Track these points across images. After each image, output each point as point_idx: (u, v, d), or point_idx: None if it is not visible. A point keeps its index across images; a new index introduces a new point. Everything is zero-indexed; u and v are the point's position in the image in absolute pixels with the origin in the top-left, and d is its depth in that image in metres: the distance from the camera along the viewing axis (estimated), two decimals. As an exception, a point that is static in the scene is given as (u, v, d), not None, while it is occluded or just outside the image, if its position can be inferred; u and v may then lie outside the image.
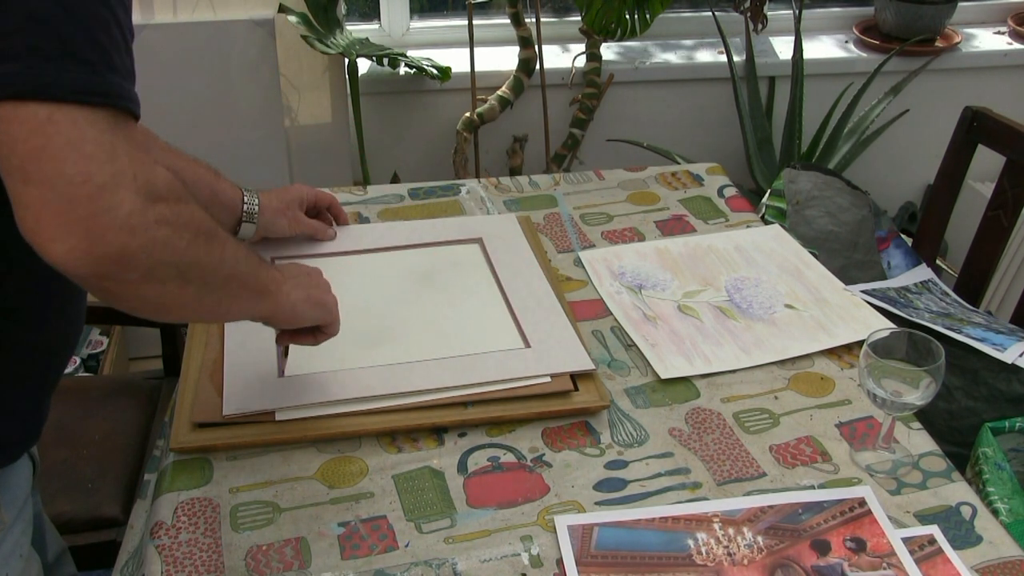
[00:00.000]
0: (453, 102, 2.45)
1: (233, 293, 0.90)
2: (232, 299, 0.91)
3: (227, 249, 0.86)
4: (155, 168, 0.75)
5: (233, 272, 0.88)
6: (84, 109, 0.70)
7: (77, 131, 0.69)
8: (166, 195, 0.75)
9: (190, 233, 0.78)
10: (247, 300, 0.94)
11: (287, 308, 1.00)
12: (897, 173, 2.72)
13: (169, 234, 0.75)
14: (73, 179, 0.68)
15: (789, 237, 1.48)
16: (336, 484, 1.04)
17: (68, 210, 0.69)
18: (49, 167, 0.68)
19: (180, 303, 0.82)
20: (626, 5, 2.24)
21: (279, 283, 0.98)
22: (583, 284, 1.37)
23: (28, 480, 1.03)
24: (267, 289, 0.96)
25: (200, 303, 0.85)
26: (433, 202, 1.56)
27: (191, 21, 2.19)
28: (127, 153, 0.72)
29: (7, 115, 0.68)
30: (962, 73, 2.62)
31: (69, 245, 0.69)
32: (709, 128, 2.62)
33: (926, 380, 1.02)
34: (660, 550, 0.96)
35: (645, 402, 1.16)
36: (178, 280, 0.79)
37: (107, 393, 1.68)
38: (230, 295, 0.90)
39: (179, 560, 0.95)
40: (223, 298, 0.89)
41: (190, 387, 1.12)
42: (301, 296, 1.01)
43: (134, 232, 0.71)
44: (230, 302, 0.91)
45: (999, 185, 1.68)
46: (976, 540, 0.98)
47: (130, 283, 0.75)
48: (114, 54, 0.73)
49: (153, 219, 0.73)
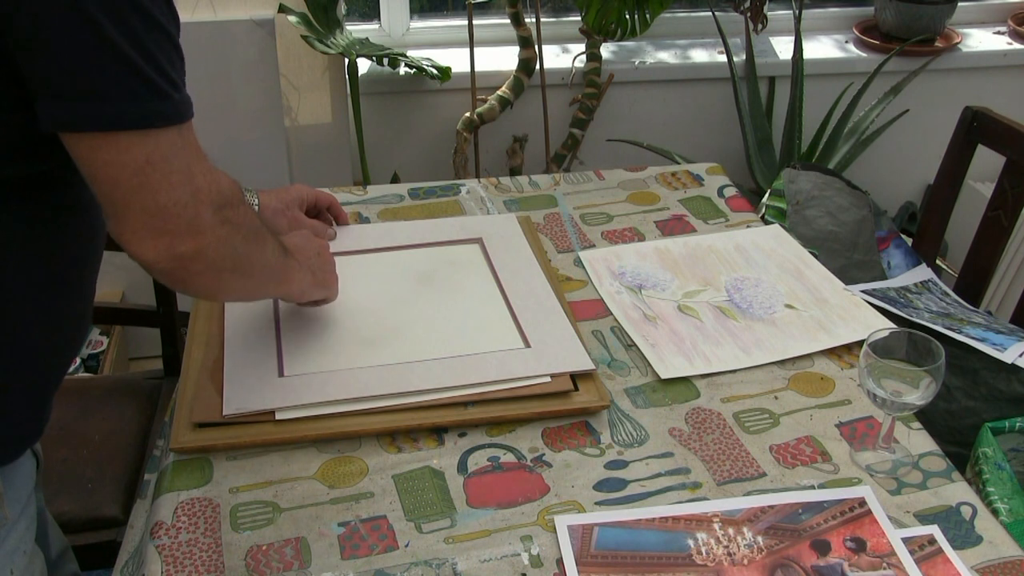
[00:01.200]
0: (453, 102, 2.45)
1: (266, 281, 1.03)
2: (264, 286, 1.05)
3: (268, 244, 0.98)
4: (220, 176, 0.87)
5: (269, 264, 0.99)
6: (167, 134, 0.80)
7: (166, 164, 0.80)
8: (230, 199, 0.88)
9: (244, 231, 0.91)
10: (274, 287, 1.07)
11: (298, 292, 1.12)
12: (897, 173, 2.72)
13: (230, 233, 0.88)
14: (166, 205, 0.81)
15: (789, 237, 1.48)
16: (336, 484, 1.04)
17: (160, 226, 0.82)
18: (148, 198, 0.80)
19: (230, 289, 0.97)
20: (626, 5, 2.24)
21: (296, 270, 1.08)
22: (583, 284, 1.37)
23: (32, 477, 1.03)
24: (289, 277, 1.07)
25: (243, 289, 1.00)
26: (433, 202, 1.56)
27: (191, 21, 2.19)
28: (200, 170, 0.84)
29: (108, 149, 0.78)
30: (962, 73, 2.62)
31: (156, 249, 0.83)
32: (709, 128, 2.62)
33: (926, 380, 1.02)
34: (660, 550, 0.96)
35: (645, 402, 1.16)
36: (232, 271, 0.91)
37: (107, 393, 1.68)
38: (263, 282, 1.03)
39: (179, 560, 0.95)
40: (258, 285, 1.02)
41: (190, 387, 1.12)
42: (310, 281, 1.13)
43: (205, 234, 0.84)
44: (263, 288, 1.06)
45: (999, 185, 1.68)
46: (976, 540, 0.98)
47: (197, 274, 0.87)
48: (175, 72, 0.82)
49: (220, 221, 0.86)
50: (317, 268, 1.16)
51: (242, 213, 0.91)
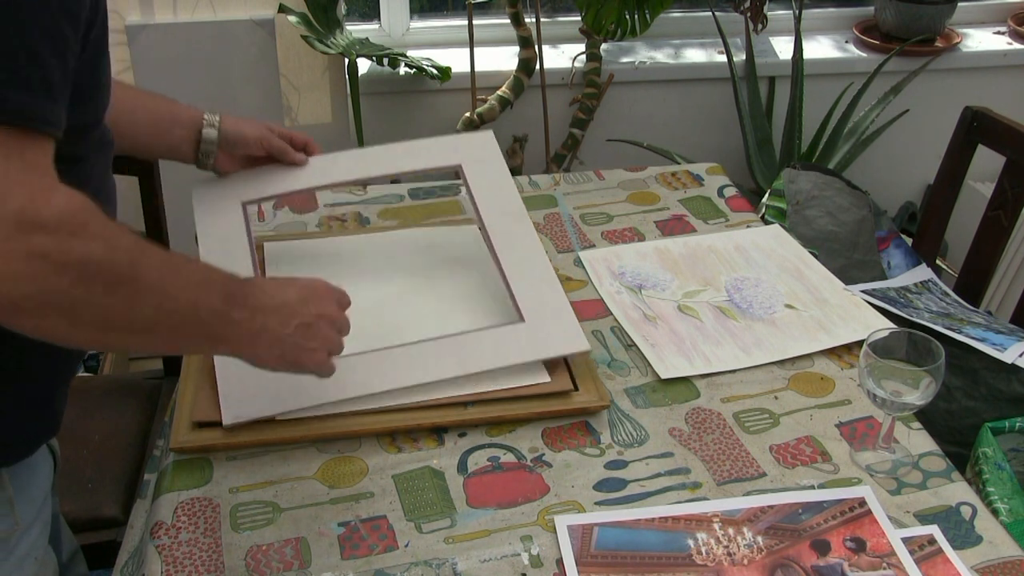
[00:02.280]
0: (453, 102, 2.45)
1: (165, 339, 0.84)
2: (166, 343, 0.86)
3: (143, 295, 0.77)
4: (50, 195, 0.71)
5: (159, 320, 0.80)
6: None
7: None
8: (55, 227, 0.70)
9: (77, 273, 0.72)
10: (193, 345, 0.89)
11: (251, 358, 0.92)
12: (897, 173, 2.72)
13: (42, 269, 0.70)
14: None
15: (789, 237, 1.48)
16: (336, 484, 1.04)
17: None
18: None
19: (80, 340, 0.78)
20: (626, 5, 2.24)
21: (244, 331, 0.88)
22: (583, 284, 1.37)
23: (48, 478, 1.01)
24: (224, 338, 0.88)
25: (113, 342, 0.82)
26: (433, 202, 1.56)
27: (191, 21, 2.19)
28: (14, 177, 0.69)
29: None
30: (962, 73, 2.62)
31: None
32: (709, 128, 2.62)
33: (926, 380, 1.02)
34: (660, 550, 0.96)
35: (645, 402, 1.16)
36: (64, 318, 0.73)
37: (107, 393, 1.68)
38: (162, 340, 0.84)
39: (179, 560, 0.95)
40: (151, 341, 0.83)
41: (190, 387, 1.12)
42: (273, 354, 0.92)
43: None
44: (165, 345, 0.88)
45: (999, 185, 1.68)
46: (976, 540, 0.98)
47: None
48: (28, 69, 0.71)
49: (24, 250, 0.69)
50: (296, 338, 0.92)
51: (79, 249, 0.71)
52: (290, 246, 1.40)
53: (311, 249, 1.39)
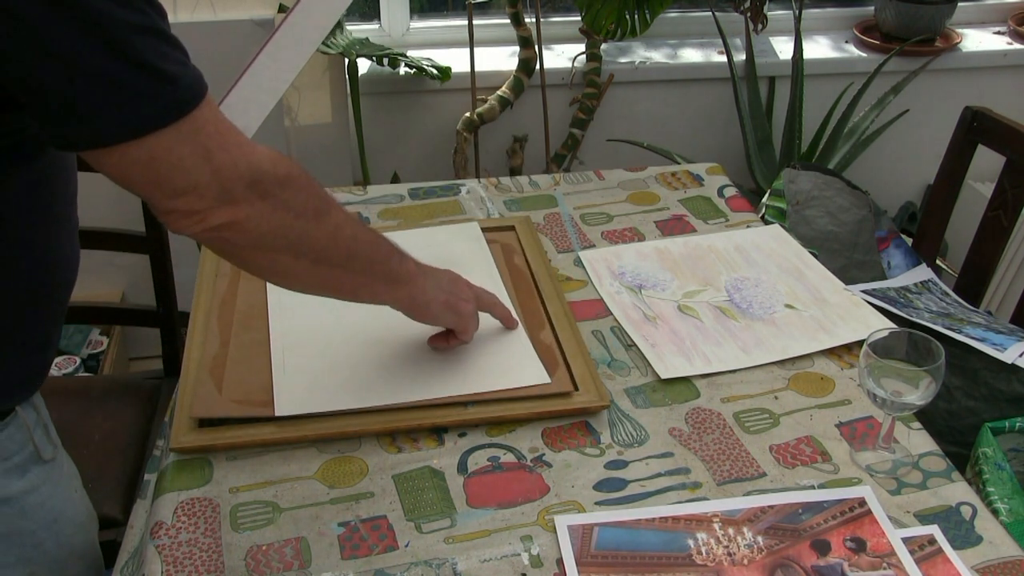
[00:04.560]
0: (453, 102, 2.45)
1: (358, 273, 0.99)
2: (358, 280, 1.00)
3: (341, 227, 0.94)
4: (253, 149, 0.85)
5: (353, 251, 0.96)
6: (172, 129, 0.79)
7: (174, 155, 0.80)
8: (271, 175, 0.85)
9: (296, 209, 0.88)
10: (378, 284, 1.02)
11: (422, 303, 1.07)
12: (897, 173, 2.72)
13: (273, 208, 0.86)
14: (185, 188, 0.81)
15: (789, 237, 1.48)
16: (336, 484, 1.04)
17: (186, 207, 0.82)
18: (165, 187, 0.81)
19: (296, 274, 0.94)
20: (626, 5, 2.24)
21: (415, 276, 1.05)
22: (583, 284, 1.37)
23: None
24: (400, 278, 1.03)
25: (320, 277, 0.96)
26: (433, 202, 1.56)
27: (191, 21, 2.19)
28: (222, 147, 0.82)
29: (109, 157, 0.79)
30: (962, 73, 2.62)
31: (190, 226, 0.84)
32: (709, 128, 2.62)
33: (926, 380, 1.02)
34: (660, 550, 0.96)
35: (645, 402, 1.16)
36: (288, 252, 0.90)
37: (107, 393, 1.68)
38: (354, 274, 0.99)
39: (179, 560, 0.95)
40: (348, 277, 0.98)
41: (190, 386, 1.12)
42: (439, 297, 1.08)
43: (239, 206, 0.84)
44: (357, 282, 1.00)
45: (999, 185, 1.68)
46: (976, 540, 0.98)
47: (242, 248, 0.88)
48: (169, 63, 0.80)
49: (257, 196, 0.85)
50: (450, 290, 1.10)
51: (291, 188, 0.88)
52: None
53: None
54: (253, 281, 1.30)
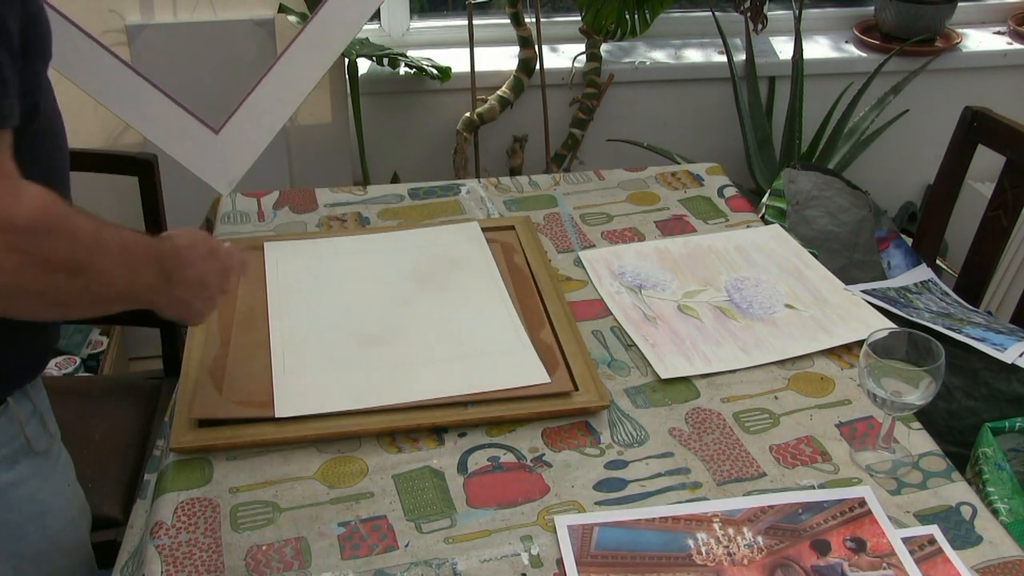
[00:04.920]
0: (453, 102, 2.45)
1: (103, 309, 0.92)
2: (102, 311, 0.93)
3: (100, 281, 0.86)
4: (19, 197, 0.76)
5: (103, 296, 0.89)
6: None
7: None
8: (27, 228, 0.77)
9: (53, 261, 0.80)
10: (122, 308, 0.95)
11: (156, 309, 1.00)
12: (897, 173, 2.72)
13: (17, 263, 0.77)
14: None
15: (789, 237, 1.48)
16: (336, 484, 1.04)
17: None
18: None
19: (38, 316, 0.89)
20: (626, 5, 2.24)
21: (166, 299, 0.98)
22: (583, 284, 1.37)
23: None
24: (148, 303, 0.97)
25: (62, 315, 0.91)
26: (433, 202, 1.56)
27: (191, 21, 2.19)
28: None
29: None
30: (962, 73, 2.61)
31: None
32: (709, 128, 2.62)
33: (926, 380, 1.02)
34: (660, 550, 0.96)
35: (645, 402, 1.16)
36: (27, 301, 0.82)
37: (107, 393, 1.68)
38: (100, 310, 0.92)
39: (179, 560, 0.95)
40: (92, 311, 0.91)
41: (190, 387, 1.13)
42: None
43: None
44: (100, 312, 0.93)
45: (999, 185, 1.68)
46: (976, 540, 0.98)
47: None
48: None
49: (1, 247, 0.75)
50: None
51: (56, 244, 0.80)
52: (290, 246, 1.40)
53: (311, 249, 1.39)
54: (253, 282, 1.30)
